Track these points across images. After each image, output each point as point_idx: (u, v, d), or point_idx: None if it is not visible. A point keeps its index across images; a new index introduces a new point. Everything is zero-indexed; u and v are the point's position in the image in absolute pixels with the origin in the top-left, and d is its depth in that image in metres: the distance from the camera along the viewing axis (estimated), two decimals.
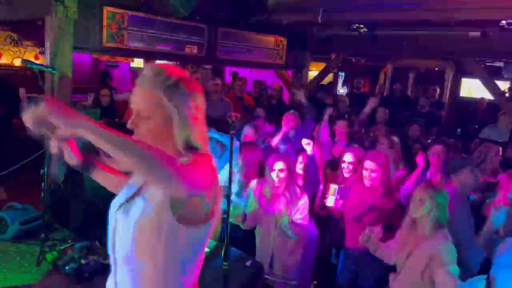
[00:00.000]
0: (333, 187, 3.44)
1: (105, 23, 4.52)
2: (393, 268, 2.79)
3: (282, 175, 3.20)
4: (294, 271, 3.26)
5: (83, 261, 3.20)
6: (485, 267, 2.85)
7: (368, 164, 3.28)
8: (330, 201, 3.44)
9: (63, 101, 4.02)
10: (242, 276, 2.89)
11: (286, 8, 5.51)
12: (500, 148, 4.13)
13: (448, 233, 2.54)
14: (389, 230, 2.94)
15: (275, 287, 3.11)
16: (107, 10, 4.55)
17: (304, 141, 3.75)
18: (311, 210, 3.66)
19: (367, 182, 3.28)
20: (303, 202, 3.27)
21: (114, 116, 6.11)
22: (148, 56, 6.74)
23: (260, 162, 3.49)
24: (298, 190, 3.30)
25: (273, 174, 3.20)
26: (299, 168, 3.67)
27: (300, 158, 3.72)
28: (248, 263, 2.98)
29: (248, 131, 4.27)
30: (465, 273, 2.76)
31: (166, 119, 1.34)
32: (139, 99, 1.36)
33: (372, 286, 3.22)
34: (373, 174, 3.25)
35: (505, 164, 4.14)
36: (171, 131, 1.35)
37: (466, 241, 2.78)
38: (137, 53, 5.57)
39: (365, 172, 3.29)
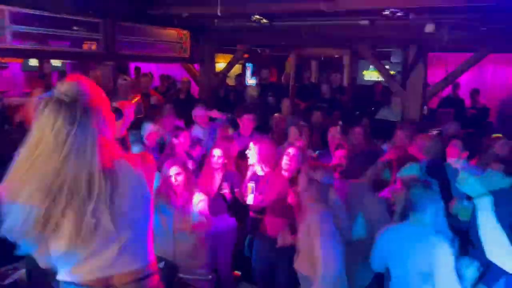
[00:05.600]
0: (250, 185, 3.50)
1: None
2: None
3: (179, 178, 3.18)
4: (207, 266, 3.27)
5: None
6: None
7: (290, 150, 3.45)
8: (250, 200, 3.50)
9: None
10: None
11: (186, 0, 5.43)
12: None
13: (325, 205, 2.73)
14: None
15: (192, 284, 3.10)
16: None
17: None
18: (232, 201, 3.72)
19: (285, 167, 3.43)
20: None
21: (5, 123, 5.57)
22: (41, 55, 6.25)
23: None
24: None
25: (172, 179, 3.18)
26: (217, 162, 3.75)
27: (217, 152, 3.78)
28: (161, 264, 2.93)
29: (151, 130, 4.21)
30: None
31: None
32: None
33: (289, 272, 3.33)
34: (293, 160, 3.42)
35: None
36: None
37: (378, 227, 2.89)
38: (25, 53, 5.12)
39: (285, 158, 3.45)
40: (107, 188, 1.39)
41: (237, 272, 4.18)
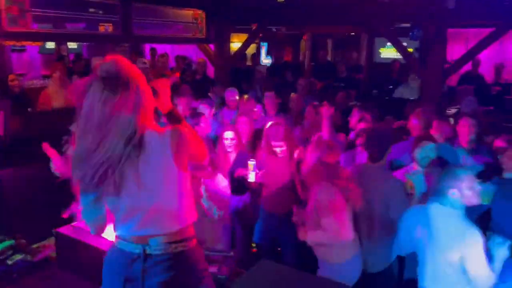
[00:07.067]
0: (251, 163, 3.53)
1: (3, 6, 4.14)
2: None
3: None
4: (227, 243, 3.39)
5: (9, 262, 3.05)
6: None
7: (275, 144, 3.49)
8: (252, 177, 3.54)
9: None
10: None
11: None
12: None
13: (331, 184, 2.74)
14: None
15: (215, 260, 3.18)
16: None
17: None
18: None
19: (279, 155, 3.49)
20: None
21: (27, 105, 5.69)
22: (59, 38, 6.32)
23: None
24: None
25: None
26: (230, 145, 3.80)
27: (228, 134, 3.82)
28: None
29: None
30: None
31: None
32: None
33: (294, 244, 3.40)
34: (283, 148, 3.46)
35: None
36: None
37: (400, 211, 2.83)
38: (45, 36, 5.19)
39: (277, 149, 3.49)
40: (136, 153, 1.56)
41: (255, 249, 4.26)
